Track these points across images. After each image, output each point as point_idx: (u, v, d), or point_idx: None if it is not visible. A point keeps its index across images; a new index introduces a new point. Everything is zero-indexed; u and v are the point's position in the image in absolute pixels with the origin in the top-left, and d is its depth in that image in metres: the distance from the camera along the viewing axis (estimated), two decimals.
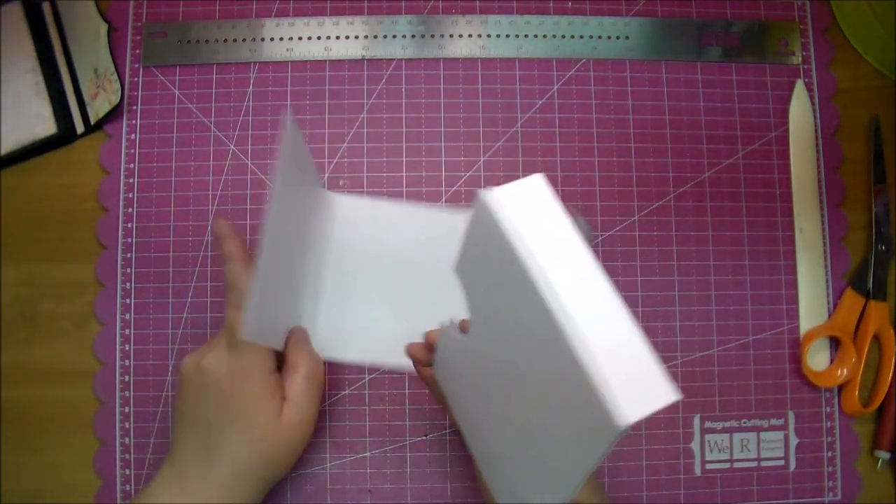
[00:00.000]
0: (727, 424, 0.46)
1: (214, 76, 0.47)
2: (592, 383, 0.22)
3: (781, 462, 0.46)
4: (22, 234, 0.46)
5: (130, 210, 0.46)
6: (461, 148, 0.47)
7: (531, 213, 0.24)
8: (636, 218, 0.47)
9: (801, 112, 0.48)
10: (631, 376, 0.22)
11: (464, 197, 0.47)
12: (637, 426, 0.45)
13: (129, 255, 0.45)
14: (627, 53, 0.48)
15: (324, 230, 0.45)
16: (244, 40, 0.47)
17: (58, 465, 0.44)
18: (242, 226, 0.46)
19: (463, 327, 0.32)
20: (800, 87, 0.48)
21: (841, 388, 0.46)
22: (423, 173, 0.47)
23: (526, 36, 0.48)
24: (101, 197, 0.46)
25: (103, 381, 0.44)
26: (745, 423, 0.46)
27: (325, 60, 0.48)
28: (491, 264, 0.26)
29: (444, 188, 0.47)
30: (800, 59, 0.49)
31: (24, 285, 0.45)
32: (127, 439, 0.44)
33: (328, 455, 0.44)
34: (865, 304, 0.47)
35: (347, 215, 0.45)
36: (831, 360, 0.47)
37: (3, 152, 0.46)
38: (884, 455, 0.46)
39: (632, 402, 0.22)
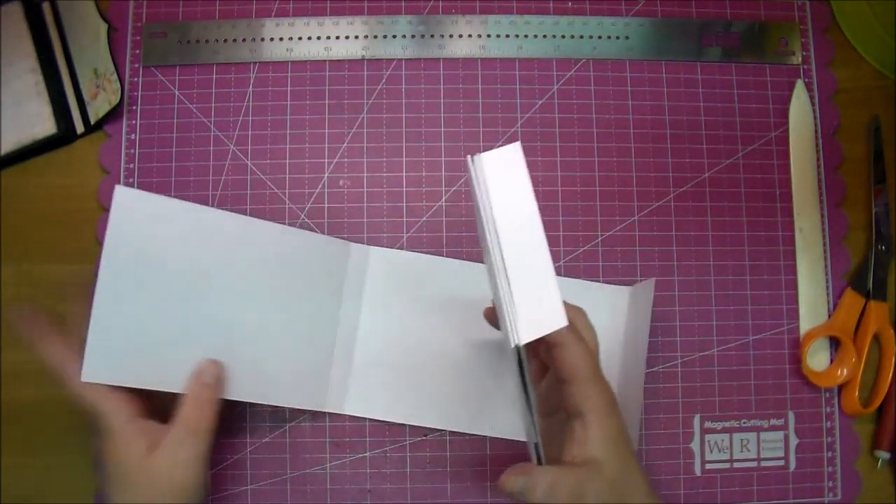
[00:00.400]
0: (727, 424, 0.46)
1: (214, 76, 0.47)
2: (506, 317, 0.28)
3: (781, 462, 0.46)
4: (22, 234, 0.46)
5: None
6: (461, 148, 0.47)
7: (502, 173, 0.30)
8: (636, 218, 0.47)
9: (801, 112, 0.48)
10: (535, 309, 0.28)
11: (464, 197, 0.47)
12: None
13: None
14: (627, 53, 0.48)
15: (341, 281, 0.44)
16: (244, 40, 0.47)
17: (58, 465, 0.44)
18: None
19: None
20: (800, 87, 0.48)
21: (841, 388, 0.46)
22: (423, 173, 0.47)
23: (526, 36, 0.48)
24: (101, 197, 0.46)
25: None
26: (745, 423, 0.46)
27: (325, 60, 0.48)
28: (480, 216, 0.31)
29: (444, 188, 0.47)
30: (800, 59, 0.49)
31: (24, 285, 0.45)
32: None
33: (328, 455, 0.44)
34: (865, 304, 0.47)
35: (380, 268, 0.45)
36: (831, 360, 0.47)
37: (3, 152, 0.46)
38: (884, 455, 0.46)
39: (527, 328, 0.28)
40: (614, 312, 0.45)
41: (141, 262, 0.38)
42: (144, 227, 0.38)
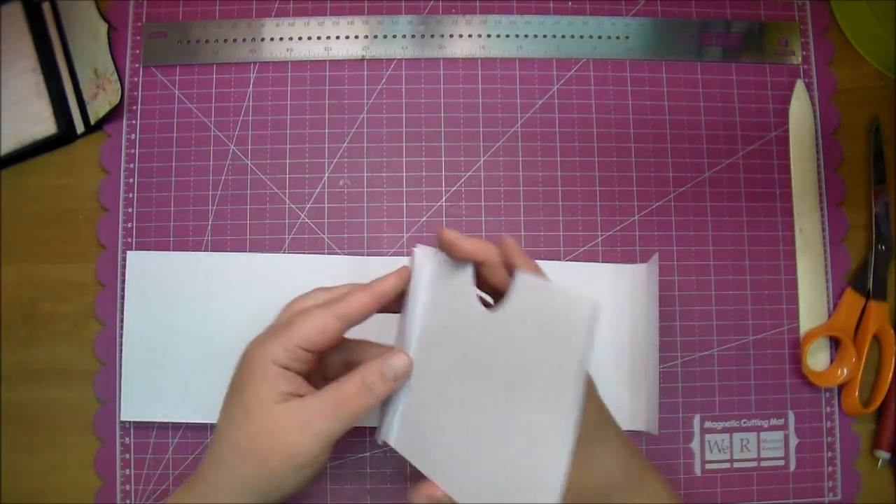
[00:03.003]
0: (727, 424, 0.46)
1: (214, 76, 0.47)
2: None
3: (781, 462, 0.46)
4: (22, 234, 0.46)
5: (130, 210, 0.46)
6: (461, 148, 0.47)
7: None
8: (636, 218, 0.47)
9: (801, 112, 0.48)
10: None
11: (464, 197, 0.47)
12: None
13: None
14: (627, 53, 0.48)
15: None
16: (244, 40, 0.47)
17: (58, 465, 0.44)
18: (242, 226, 0.46)
19: None
20: (800, 87, 0.48)
21: (841, 388, 0.46)
22: (423, 173, 0.47)
23: (526, 36, 0.48)
24: (101, 197, 0.46)
25: (103, 381, 0.44)
26: (745, 423, 0.46)
27: (325, 60, 0.48)
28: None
29: (444, 188, 0.47)
30: (800, 59, 0.49)
31: (24, 285, 0.45)
32: (127, 439, 0.44)
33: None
34: (865, 304, 0.47)
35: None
36: (831, 360, 0.47)
37: (3, 152, 0.46)
38: (884, 455, 0.46)
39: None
40: (618, 291, 0.46)
41: (157, 312, 0.44)
42: (156, 282, 0.44)
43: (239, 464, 0.32)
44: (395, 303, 0.35)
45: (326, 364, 0.36)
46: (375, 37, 0.48)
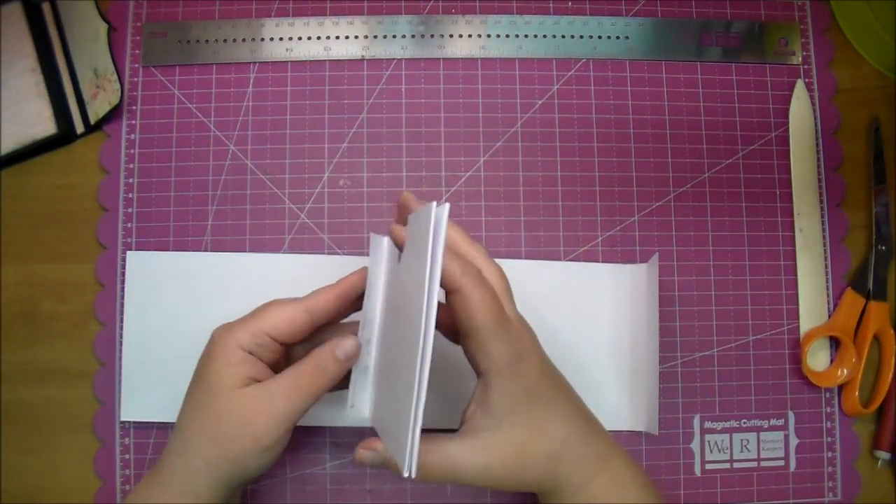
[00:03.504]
0: (727, 424, 0.46)
1: (214, 76, 0.47)
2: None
3: (781, 462, 0.46)
4: (22, 234, 0.46)
5: (130, 210, 0.46)
6: (461, 148, 0.47)
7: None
8: (636, 218, 0.47)
9: (801, 112, 0.48)
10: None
11: (464, 197, 0.47)
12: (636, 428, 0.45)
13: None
14: (627, 53, 0.48)
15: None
16: (244, 40, 0.47)
17: (58, 465, 0.44)
18: (242, 226, 0.46)
19: None
20: (800, 87, 0.48)
21: (841, 388, 0.46)
22: (423, 173, 0.47)
23: (526, 36, 0.48)
24: (101, 197, 0.46)
25: (103, 381, 0.44)
26: (745, 423, 0.46)
27: (325, 60, 0.48)
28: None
29: (444, 188, 0.47)
30: (800, 59, 0.49)
31: (24, 285, 0.45)
32: (127, 439, 0.44)
33: (328, 455, 0.44)
34: (865, 304, 0.47)
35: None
36: (831, 360, 0.47)
37: (3, 152, 0.46)
38: (884, 455, 0.46)
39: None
40: (618, 291, 0.46)
41: (157, 312, 0.44)
42: (156, 282, 0.44)
43: (205, 447, 0.33)
44: (361, 301, 0.36)
45: (292, 360, 0.36)
46: (375, 37, 0.48)
